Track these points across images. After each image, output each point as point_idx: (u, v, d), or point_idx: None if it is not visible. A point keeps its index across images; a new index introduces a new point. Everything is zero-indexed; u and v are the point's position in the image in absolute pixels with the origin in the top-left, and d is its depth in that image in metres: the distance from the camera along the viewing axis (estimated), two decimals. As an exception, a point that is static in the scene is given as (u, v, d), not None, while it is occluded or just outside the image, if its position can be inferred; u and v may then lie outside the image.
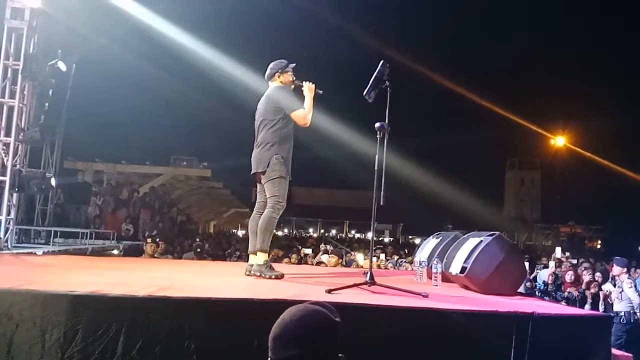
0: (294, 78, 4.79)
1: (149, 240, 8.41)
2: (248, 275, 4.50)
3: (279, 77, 4.80)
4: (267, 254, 4.59)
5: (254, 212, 4.83)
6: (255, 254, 4.61)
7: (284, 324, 1.66)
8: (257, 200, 4.84)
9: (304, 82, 4.75)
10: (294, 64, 4.83)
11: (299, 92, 4.80)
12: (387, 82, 4.25)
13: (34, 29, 7.69)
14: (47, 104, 8.29)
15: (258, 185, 4.81)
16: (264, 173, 4.59)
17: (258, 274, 4.47)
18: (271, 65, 4.81)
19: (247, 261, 4.89)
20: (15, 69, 7.53)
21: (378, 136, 4.09)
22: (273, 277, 4.41)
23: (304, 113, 4.65)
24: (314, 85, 4.75)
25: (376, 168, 4.08)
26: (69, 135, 10.70)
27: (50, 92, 8.32)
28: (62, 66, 8.01)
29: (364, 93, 4.31)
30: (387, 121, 4.13)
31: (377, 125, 4.12)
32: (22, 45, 7.54)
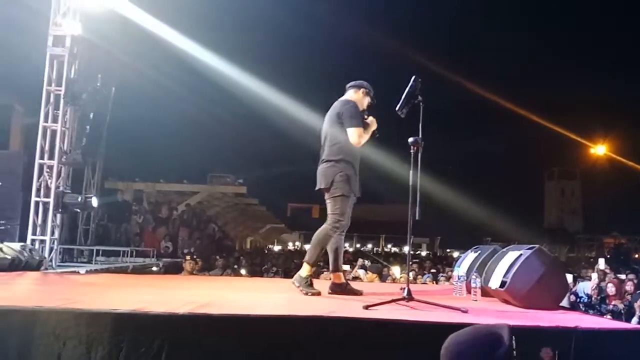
0: (367, 106, 4.72)
1: (187, 257, 8.54)
2: (292, 283, 4.52)
3: (356, 92, 4.73)
4: (311, 268, 4.59)
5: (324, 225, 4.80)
6: (336, 271, 4.69)
7: (457, 353, 1.65)
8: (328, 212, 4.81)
9: (369, 117, 4.70)
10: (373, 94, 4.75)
11: None
12: (419, 97, 4.26)
13: (74, 55, 8.01)
14: (88, 127, 8.57)
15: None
16: (327, 190, 4.56)
17: (297, 285, 4.49)
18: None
19: (283, 276, 4.92)
20: (58, 94, 7.83)
21: (412, 151, 4.09)
22: (309, 294, 4.43)
23: (360, 132, 4.55)
24: (376, 124, 4.72)
25: (410, 183, 4.07)
26: (109, 157, 11.00)
27: (91, 116, 8.60)
28: (102, 93, 8.27)
29: (397, 109, 4.32)
30: (420, 135, 4.12)
31: (410, 140, 4.11)
32: (64, 71, 7.84)
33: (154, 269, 10.15)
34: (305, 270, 4.56)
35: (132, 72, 10.44)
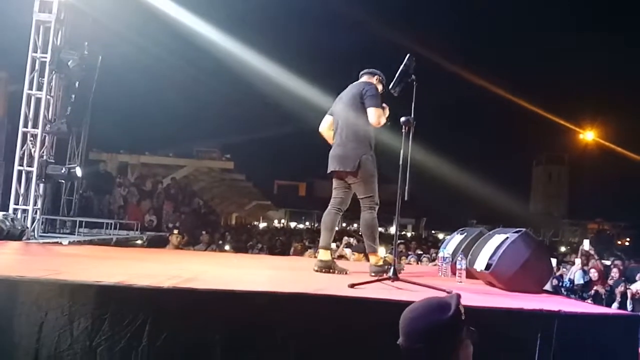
0: (383, 87, 4.66)
1: (175, 231, 8.49)
2: (316, 271, 4.50)
3: (370, 78, 4.69)
4: (378, 256, 4.60)
5: (329, 207, 4.84)
6: (326, 249, 4.64)
7: (410, 318, 1.82)
8: (333, 196, 4.83)
9: (385, 105, 4.66)
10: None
11: None
12: (413, 75, 4.21)
13: (61, 21, 7.80)
14: (73, 96, 8.40)
15: (335, 181, 4.79)
16: (352, 173, 4.52)
17: (374, 274, 4.36)
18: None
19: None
20: (43, 62, 7.64)
21: (403, 130, 4.05)
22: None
23: (380, 113, 4.54)
24: (388, 112, 4.68)
25: (401, 162, 4.04)
26: (94, 127, 10.82)
27: (77, 84, 8.43)
28: (88, 61, 8.10)
29: (390, 87, 4.28)
30: (412, 115, 4.09)
31: (402, 119, 4.08)
32: (50, 38, 7.65)
33: (138, 242, 10.10)
34: (376, 259, 4.58)
35: (120, 40, 10.21)
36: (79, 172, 7.99)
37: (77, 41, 8.23)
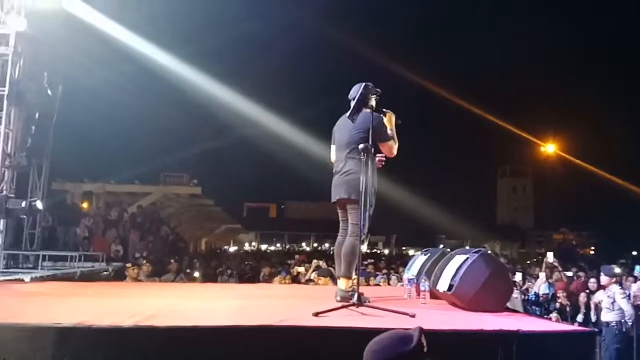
0: (375, 104, 4.60)
1: (128, 265, 8.30)
2: (338, 301, 4.42)
3: (369, 102, 4.58)
4: (349, 280, 4.57)
5: (339, 237, 4.85)
6: (347, 278, 4.62)
7: (374, 351, 1.87)
8: (341, 226, 4.84)
9: (385, 111, 4.60)
10: (379, 90, 4.63)
11: None
12: (370, 104, 4.30)
13: (19, 53, 7.72)
14: (33, 128, 8.27)
15: (340, 211, 4.81)
16: (354, 201, 4.50)
17: (339, 299, 4.41)
18: (360, 89, 4.49)
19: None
20: (1, 95, 7.54)
21: (362, 158, 4.12)
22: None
23: (393, 144, 4.59)
24: (394, 115, 4.67)
25: (361, 189, 4.10)
26: (56, 157, 10.65)
27: (37, 116, 8.31)
28: (48, 92, 8.00)
29: (348, 116, 4.36)
30: (370, 142, 4.16)
31: (361, 146, 4.15)
32: (8, 71, 7.55)
33: (104, 274, 9.89)
34: (345, 284, 4.56)
35: (80, 69, 10.15)
36: (39, 205, 7.85)
37: (36, 72, 8.14)
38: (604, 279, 8.03)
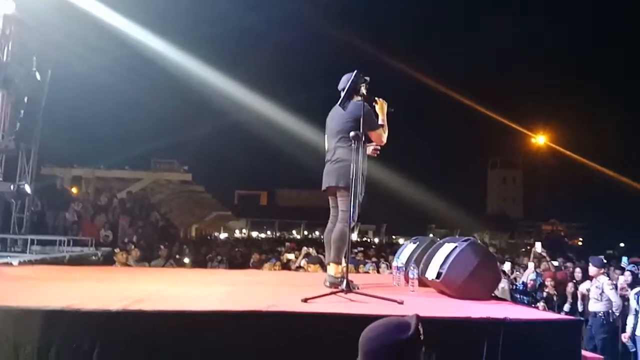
0: (366, 92, 4.56)
1: (117, 250, 8.28)
2: (326, 287, 4.46)
3: (360, 89, 4.55)
4: (339, 266, 4.59)
5: (329, 224, 4.88)
6: (336, 263, 4.64)
7: (369, 338, 1.85)
8: (332, 213, 4.87)
9: (377, 99, 4.64)
10: (369, 77, 4.59)
11: None
12: (361, 91, 4.29)
13: (7, 36, 7.63)
14: (22, 111, 8.20)
15: (331, 198, 4.85)
16: (344, 188, 4.53)
17: (329, 285, 4.44)
18: (352, 77, 4.48)
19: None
20: (-11, 78, 7.45)
21: (353, 145, 4.12)
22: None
23: (381, 132, 4.63)
24: (386, 103, 4.70)
25: (351, 177, 4.10)
26: (46, 142, 10.58)
27: (26, 100, 8.23)
28: (37, 76, 7.92)
29: (339, 104, 4.35)
30: (362, 130, 4.16)
31: (351, 134, 4.15)
32: (-5, 53, 7.47)
33: (93, 258, 9.86)
34: (335, 269, 4.58)
35: (71, 55, 10.04)
36: (27, 189, 7.79)
37: (25, 56, 8.05)
38: (592, 270, 8.11)
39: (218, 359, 2.96)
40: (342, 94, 4.35)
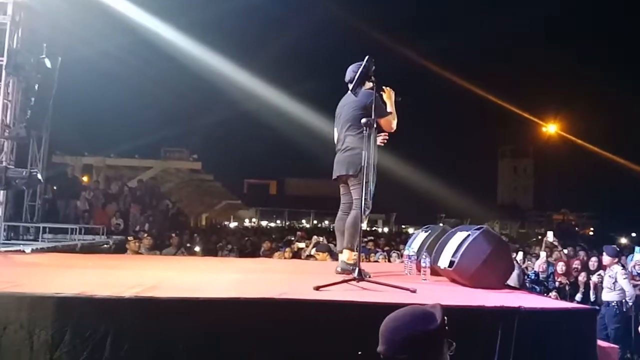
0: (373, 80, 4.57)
1: (129, 238, 8.31)
2: (338, 273, 4.48)
3: (369, 84, 4.57)
4: (352, 252, 4.61)
5: (339, 213, 4.93)
6: (350, 250, 4.66)
7: (394, 327, 1.81)
8: (342, 201, 4.92)
9: (384, 88, 4.67)
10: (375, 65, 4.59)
11: None
12: (372, 77, 4.25)
13: (17, 23, 7.62)
14: (33, 99, 8.21)
15: (341, 187, 4.88)
16: (355, 176, 4.59)
17: (340, 271, 4.48)
18: (359, 69, 4.46)
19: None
20: (-1, 65, 7.46)
21: (365, 133, 4.08)
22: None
23: (392, 119, 4.68)
24: (393, 92, 4.72)
25: (362, 164, 4.07)
26: (56, 130, 10.61)
27: (36, 87, 8.23)
28: (47, 63, 7.91)
29: (350, 89, 4.31)
30: (373, 117, 4.13)
31: (363, 120, 4.11)
32: (6, 41, 7.46)
33: (104, 247, 9.92)
34: (348, 256, 4.61)
35: (81, 42, 10.04)
36: (39, 177, 7.82)
37: (35, 43, 8.04)
38: (606, 259, 8.05)
39: (230, 346, 2.95)
40: (354, 81, 4.30)
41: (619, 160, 34.41)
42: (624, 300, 7.76)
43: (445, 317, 1.81)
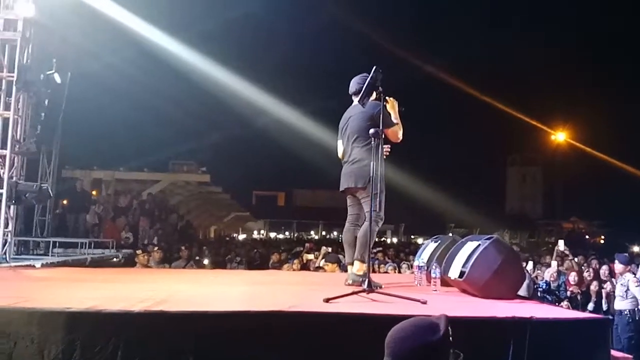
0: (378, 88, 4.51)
1: (138, 251, 8.32)
2: (348, 285, 4.47)
3: (375, 94, 4.53)
4: (363, 264, 4.57)
5: (347, 225, 4.94)
6: (352, 264, 4.68)
7: (399, 338, 1.81)
8: (349, 213, 4.93)
9: (388, 98, 4.62)
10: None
11: None
12: (380, 88, 4.25)
13: (27, 39, 7.70)
14: (43, 114, 8.28)
15: (349, 198, 4.89)
16: (363, 189, 4.60)
17: (351, 283, 4.48)
18: (365, 80, 4.43)
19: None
20: (10, 81, 7.53)
21: (373, 143, 4.08)
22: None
23: (397, 129, 4.69)
24: (396, 102, 4.73)
25: (371, 175, 4.06)
26: (66, 145, 10.71)
27: (46, 102, 8.31)
28: (57, 78, 7.99)
29: (358, 100, 4.31)
30: (381, 127, 4.12)
31: (371, 131, 4.11)
32: (16, 57, 7.54)
33: (114, 260, 9.95)
34: (358, 267, 4.61)
35: (90, 57, 10.15)
36: (49, 191, 7.87)
37: (45, 59, 8.12)
38: (618, 267, 7.98)
39: (240, 359, 2.94)
40: (362, 91, 4.30)
41: (628, 168, 34.20)
42: (636, 309, 7.68)
43: (450, 328, 1.81)
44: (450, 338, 1.80)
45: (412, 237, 46.14)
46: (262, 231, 48.53)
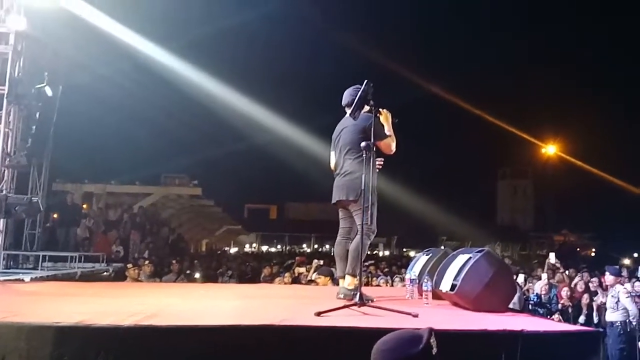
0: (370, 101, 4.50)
1: (129, 265, 8.27)
2: (340, 299, 4.45)
3: (369, 101, 4.49)
4: (355, 278, 4.56)
5: (338, 238, 4.91)
6: (344, 277, 4.65)
7: (382, 351, 1.84)
8: (341, 226, 4.90)
9: (381, 110, 4.63)
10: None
11: None
12: (371, 101, 4.27)
13: (19, 52, 7.71)
14: (34, 127, 8.27)
15: (341, 211, 4.87)
16: (355, 201, 4.57)
17: (342, 297, 4.46)
18: (357, 92, 4.41)
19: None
20: (1, 94, 7.53)
21: (364, 156, 4.09)
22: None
23: (390, 141, 4.67)
24: (390, 113, 4.72)
25: (362, 188, 4.07)
26: (57, 158, 10.65)
27: (37, 115, 8.31)
28: (48, 91, 7.99)
29: (349, 113, 4.33)
30: (372, 140, 4.14)
31: (363, 144, 4.12)
32: (8, 70, 7.54)
33: (104, 274, 9.86)
34: (350, 281, 4.58)
35: (81, 70, 10.13)
36: (40, 204, 7.83)
37: (36, 72, 8.13)
38: (609, 279, 8.02)
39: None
40: (354, 104, 4.32)
41: (618, 181, 34.46)
42: (627, 320, 7.70)
43: (435, 340, 1.83)
44: (434, 350, 1.81)
45: (404, 250, 46.09)
46: (254, 244, 48.32)
